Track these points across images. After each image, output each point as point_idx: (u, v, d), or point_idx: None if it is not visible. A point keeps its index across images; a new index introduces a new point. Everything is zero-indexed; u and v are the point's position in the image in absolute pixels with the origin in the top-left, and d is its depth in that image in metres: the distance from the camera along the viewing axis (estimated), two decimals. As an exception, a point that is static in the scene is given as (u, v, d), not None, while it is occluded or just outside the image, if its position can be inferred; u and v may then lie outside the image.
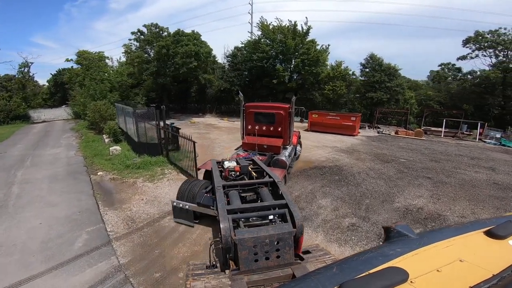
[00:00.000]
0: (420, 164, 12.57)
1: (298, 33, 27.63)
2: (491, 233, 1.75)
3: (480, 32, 24.92)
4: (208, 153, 13.27)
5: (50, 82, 50.25)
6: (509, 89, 23.98)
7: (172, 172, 10.59)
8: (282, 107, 9.49)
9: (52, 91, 49.53)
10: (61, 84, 41.58)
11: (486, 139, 22.25)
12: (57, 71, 46.64)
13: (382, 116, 26.43)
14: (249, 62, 28.03)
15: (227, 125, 22.37)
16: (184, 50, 23.86)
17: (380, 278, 1.32)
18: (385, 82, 25.48)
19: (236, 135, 17.46)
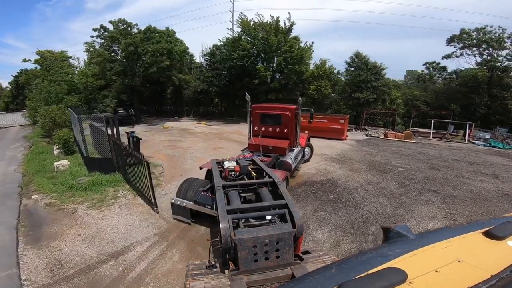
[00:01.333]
0: (420, 174, 11.15)
1: (280, 30, 25.95)
2: (489, 234, 1.74)
3: (465, 29, 24.30)
4: (177, 167, 11.20)
5: (12, 84, 46.12)
6: (496, 88, 23.44)
7: (127, 195, 8.44)
8: (289, 108, 9.34)
9: (14, 93, 45.45)
10: (23, 87, 37.86)
11: (474, 140, 21.59)
12: (18, 72, 42.69)
13: (368, 117, 25.27)
14: (228, 61, 26.02)
15: (204, 130, 20.26)
16: (155, 48, 21.49)
17: (379, 278, 1.31)
18: (371, 82, 24.31)
19: (212, 143, 15.49)
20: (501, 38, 22.67)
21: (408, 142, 19.22)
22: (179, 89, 29.47)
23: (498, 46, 23.33)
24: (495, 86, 23.91)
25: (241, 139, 16.66)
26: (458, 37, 25.07)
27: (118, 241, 5.90)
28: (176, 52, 23.55)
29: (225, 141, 15.94)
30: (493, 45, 23.33)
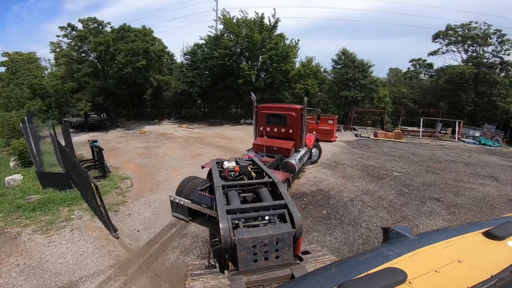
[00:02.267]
0: (418, 179, 10.26)
1: (265, 27, 24.83)
2: (489, 234, 1.74)
3: (451, 26, 23.90)
4: (149, 179, 9.82)
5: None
6: (483, 85, 23.16)
7: (83, 216, 7.03)
8: (294, 108, 9.21)
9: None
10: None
11: (464, 138, 21.19)
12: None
13: (357, 116, 24.52)
14: (210, 60, 24.63)
15: (185, 134, 18.83)
16: (129, 47, 19.87)
17: (379, 278, 1.31)
18: (359, 79, 23.54)
19: (191, 149, 14.15)
20: (486, 34, 22.38)
21: (399, 141, 18.50)
22: (159, 91, 27.82)
23: (483, 43, 23.05)
24: (481, 83, 23.64)
25: (224, 144, 15.38)
26: (443, 34, 24.69)
27: (64, 274, 4.75)
28: (153, 51, 22.02)
29: (206, 147, 14.62)
30: (478, 41, 23.03)
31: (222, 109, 28.10)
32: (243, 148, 14.25)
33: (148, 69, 23.45)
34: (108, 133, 19.40)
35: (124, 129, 21.27)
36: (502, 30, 21.70)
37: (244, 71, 22.87)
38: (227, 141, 16.26)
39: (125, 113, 31.44)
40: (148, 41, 22.15)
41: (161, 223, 6.68)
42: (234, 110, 28.40)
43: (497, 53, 22.60)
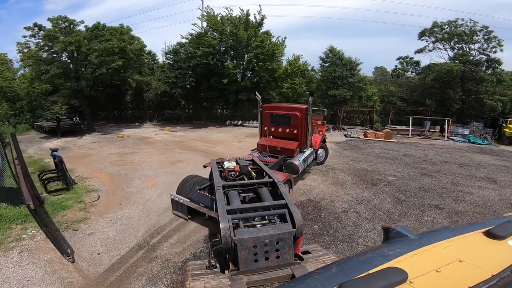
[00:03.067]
0: (414, 183, 9.58)
1: (251, 24, 23.91)
2: (490, 234, 1.74)
3: (438, 23, 23.64)
4: (119, 191, 8.73)
5: None
6: (470, 83, 23.00)
7: (36, 235, 5.96)
8: (299, 108, 9.12)
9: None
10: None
11: (453, 136, 20.95)
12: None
13: (345, 115, 23.94)
14: (193, 59, 23.48)
15: (165, 138, 17.66)
16: (103, 47, 18.49)
17: (380, 278, 1.30)
18: (347, 78, 22.94)
19: (171, 155, 13.06)
20: (473, 31, 22.21)
21: (389, 142, 17.96)
22: (140, 92, 26.45)
23: (469, 40, 22.89)
24: (468, 81, 23.50)
25: (207, 148, 14.36)
26: (429, 31, 24.43)
27: (6, 303, 3.80)
28: (131, 50, 20.65)
29: (187, 152, 13.57)
30: (464, 39, 22.85)
31: (207, 111, 26.98)
32: (226, 152, 13.26)
33: (126, 70, 22.09)
34: (82, 138, 18.00)
35: (101, 134, 19.88)
36: (488, 27, 21.57)
37: (229, 70, 21.87)
38: (211, 145, 15.25)
39: (105, 116, 29.87)
40: (125, 40, 20.79)
41: (127, 244, 5.74)
42: (219, 111, 27.32)
43: (484, 50, 22.49)
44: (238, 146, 14.76)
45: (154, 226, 6.51)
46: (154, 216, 7.03)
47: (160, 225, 6.56)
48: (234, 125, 23.55)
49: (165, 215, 7.11)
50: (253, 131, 20.09)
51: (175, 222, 6.75)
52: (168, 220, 6.83)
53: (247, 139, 17.15)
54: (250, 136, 18.06)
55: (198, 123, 25.13)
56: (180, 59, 24.38)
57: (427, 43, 25.75)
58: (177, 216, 6.75)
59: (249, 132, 19.81)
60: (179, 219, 6.76)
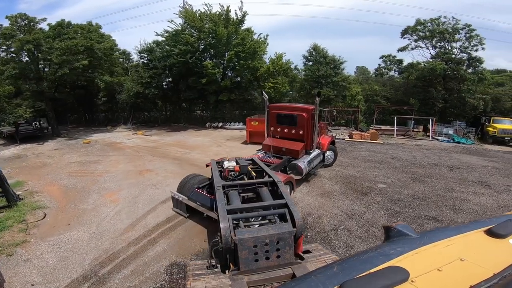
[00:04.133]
0: (407, 191, 8.78)
1: (231, 21, 22.73)
2: (491, 232, 1.73)
3: (420, 20, 23.35)
4: (70, 208, 7.49)
5: None
6: (452, 81, 22.85)
7: None
8: (305, 109, 9.02)
9: None
10: None
11: (437, 136, 20.65)
12: None
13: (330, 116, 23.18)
14: (169, 58, 22.02)
15: (137, 144, 16.16)
16: (65, 45, 16.76)
17: (381, 277, 1.29)
18: (331, 77, 22.20)
19: (140, 163, 11.73)
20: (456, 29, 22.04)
21: (375, 143, 17.32)
22: (112, 93, 24.65)
23: (451, 38, 22.74)
24: (450, 79, 23.36)
25: (181, 155, 13.07)
26: (412, 29, 24.11)
27: None
28: (99, 49, 18.97)
29: (159, 160, 12.23)
30: (447, 37, 22.67)
31: (186, 112, 25.55)
32: (202, 159, 12.07)
33: (94, 70, 20.39)
34: (43, 145, 16.22)
35: (66, 139, 18.10)
36: (471, 25, 21.44)
37: (207, 69, 20.58)
38: (186, 150, 13.96)
39: (76, 119, 27.79)
40: (92, 38, 19.14)
41: (69, 274, 4.75)
42: (199, 112, 25.93)
43: (465, 48, 22.37)
44: (216, 152, 13.56)
45: (106, 252, 5.44)
46: (107, 239, 5.90)
47: (114, 251, 5.47)
48: (214, 128, 22.28)
49: (122, 238, 5.94)
50: (234, 134, 18.93)
51: (133, 247, 5.63)
52: (125, 245, 5.68)
53: (226, 143, 15.96)
54: (230, 140, 16.89)
55: (176, 126, 23.65)
56: (155, 58, 22.83)
57: (410, 41, 25.49)
58: (177, 214, 6.82)
59: (230, 135, 18.62)
60: (139, 243, 5.74)
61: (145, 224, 6.57)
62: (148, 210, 7.32)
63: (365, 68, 39.76)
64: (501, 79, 27.50)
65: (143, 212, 7.18)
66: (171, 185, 8.97)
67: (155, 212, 7.26)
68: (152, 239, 5.96)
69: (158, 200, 7.91)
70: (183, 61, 20.85)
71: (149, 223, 6.61)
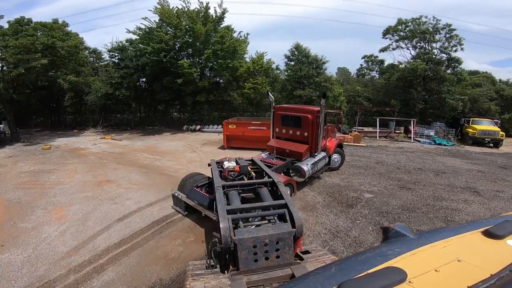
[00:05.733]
0: (395, 201, 8.07)
1: (210, 18, 21.60)
2: (489, 233, 1.74)
3: (402, 20, 23.20)
4: (6, 228, 6.27)
5: None
6: (432, 82, 22.85)
7: None
8: (310, 110, 8.88)
9: None
10: None
11: (418, 137, 20.50)
12: None
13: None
14: (142, 57, 20.60)
15: (103, 150, 14.69)
16: (20, 43, 15.10)
17: (379, 278, 1.31)
18: (314, 77, 21.56)
19: (101, 172, 10.44)
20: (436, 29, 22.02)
21: (359, 146, 16.79)
22: (80, 95, 22.85)
23: (431, 38, 22.75)
24: (430, 80, 23.39)
25: (150, 162, 11.83)
26: (394, 29, 23.97)
27: None
28: (62, 48, 17.33)
29: (124, 168, 10.95)
30: (426, 37, 22.65)
31: (161, 114, 24.12)
32: (173, 167, 10.95)
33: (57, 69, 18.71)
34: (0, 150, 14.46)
35: (25, 144, 16.30)
36: (451, 25, 21.47)
37: (183, 69, 19.34)
38: (157, 157, 12.73)
39: (42, 122, 25.69)
40: (55, 36, 17.52)
41: None
42: (175, 114, 24.56)
43: (445, 49, 22.44)
44: (189, 158, 12.43)
45: (40, 280, 4.46)
46: (44, 264, 4.85)
47: (50, 279, 4.48)
48: (191, 131, 21.05)
49: (62, 264, 4.90)
50: (212, 138, 17.82)
51: (73, 275, 4.59)
52: (64, 272, 4.69)
53: (202, 148, 14.82)
54: (207, 144, 15.76)
55: (151, 129, 22.19)
56: (127, 56, 21.31)
57: (391, 41, 25.41)
58: (176, 211, 6.84)
59: (207, 139, 17.48)
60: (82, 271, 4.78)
61: (92, 247, 5.51)
62: (99, 230, 6.21)
63: (346, 69, 39.79)
64: (478, 80, 27.98)
65: (93, 232, 6.09)
66: (132, 199, 7.87)
67: (108, 232, 6.15)
68: (99, 265, 4.91)
69: (114, 218, 6.78)
70: (157, 60, 19.50)
71: (98, 246, 5.55)
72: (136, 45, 22.03)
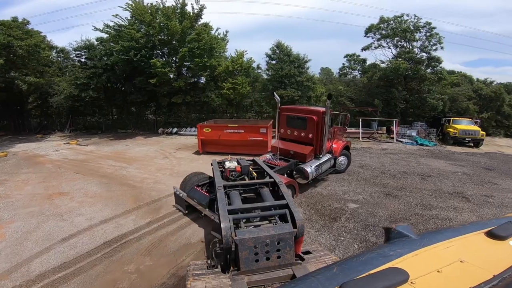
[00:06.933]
0: (381, 211, 7.40)
1: (187, 15, 20.41)
2: (491, 234, 1.71)
3: (384, 18, 22.95)
4: None
5: None
6: (413, 81, 22.73)
7: None
8: (315, 112, 8.74)
9: None
10: None
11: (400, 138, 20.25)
12: None
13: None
14: (111, 56, 19.15)
15: (65, 156, 13.24)
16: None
17: (381, 278, 1.29)
18: (295, 76, 20.84)
19: (55, 183, 9.19)
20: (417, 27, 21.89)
21: (342, 147, 16.15)
22: (45, 96, 21.05)
23: (412, 37, 22.63)
24: (411, 79, 23.28)
25: (114, 171, 10.62)
26: (376, 27, 23.69)
27: None
28: (21, 47, 15.76)
29: (83, 178, 9.71)
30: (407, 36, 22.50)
31: (135, 117, 22.67)
32: (139, 177, 9.85)
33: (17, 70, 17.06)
34: None
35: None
36: (431, 23, 21.38)
37: (156, 68, 18.09)
38: (123, 165, 11.52)
39: (5, 126, 23.58)
40: (11, 34, 15.96)
41: None
42: (151, 117, 23.17)
43: (425, 48, 22.37)
44: (159, 166, 11.31)
45: None
46: None
47: None
48: (167, 134, 19.82)
49: None
50: (188, 142, 16.70)
51: None
52: None
53: (176, 153, 13.69)
54: (181, 149, 14.63)
55: (123, 133, 20.73)
56: (95, 56, 19.76)
57: (373, 40, 25.17)
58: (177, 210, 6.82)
59: (183, 143, 16.34)
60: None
61: (26, 271, 4.64)
62: (38, 252, 5.24)
63: (329, 69, 39.59)
64: (456, 79, 28.30)
65: (31, 254, 5.15)
66: (84, 215, 6.83)
67: (48, 254, 5.19)
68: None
69: (58, 237, 5.79)
70: (126, 59, 18.12)
71: (32, 270, 4.67)
72: (107, 43, 20.50)
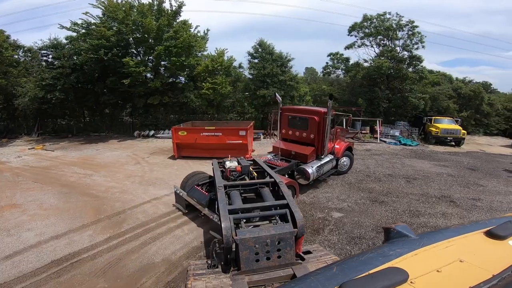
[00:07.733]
0: (368, 220, 6.86)
1: (165, 12, 19.36)
2: (491, 234, 1.71)
3: (367, 16, 22.76)
4: None
5: None
6: (395, 80, 22.68)
7: None
8: (317, 112, 8.70)
9: None
10: None
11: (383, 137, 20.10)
12: None
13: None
14: (80, 56, 17.85)
15: (26, 163, 11.95)
16: None
17: (380, 278, 1.29)
18: (278, 75, 20.24)
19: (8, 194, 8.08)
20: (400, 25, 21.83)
21: (326, 149, 15.69)
22: (9, 98, 19.45)
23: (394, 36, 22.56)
24: (394, 78, 23.24)
25: (77, 179, 9.57)
26: (359, 25, 23.48)
27: None
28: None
29: (41, 188, 8.65)
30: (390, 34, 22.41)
31: (110, 119, 21.39)
32: (105, 185, 8.92)
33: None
34: None
35: None
36: (414, 22, 21.36)
37: (130, 68, 16.98)
38: (89, 172, 10.47)
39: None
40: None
41: None
42: (127, 118, 21.95)
43: (407, 46, 22.37)
44: (129, 173, 10.35)
45: None
46: None
47: None
48: (144, 137, 18.71)
49: None
50: (165, 145, 15.72)
51: None
52: None
53: (150, 158, 12.72)
54: (156, 153, 13.66)
55: (96, 136, 19.41)
56: (62, 55, 18.38)
57: (356, 39, 25.02)
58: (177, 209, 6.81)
59: (158, 147, 15.34)
60: None
61: None
62: None
63: (314, 68, 39.44)
64: (436, 78, 28.66)
65: None
66: (34, 230, 5.98)
67: None
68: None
69: (1, 255, 4.99)
70: (96, 58, 16.91)
71: None
72: (76, 42, 19.10)
